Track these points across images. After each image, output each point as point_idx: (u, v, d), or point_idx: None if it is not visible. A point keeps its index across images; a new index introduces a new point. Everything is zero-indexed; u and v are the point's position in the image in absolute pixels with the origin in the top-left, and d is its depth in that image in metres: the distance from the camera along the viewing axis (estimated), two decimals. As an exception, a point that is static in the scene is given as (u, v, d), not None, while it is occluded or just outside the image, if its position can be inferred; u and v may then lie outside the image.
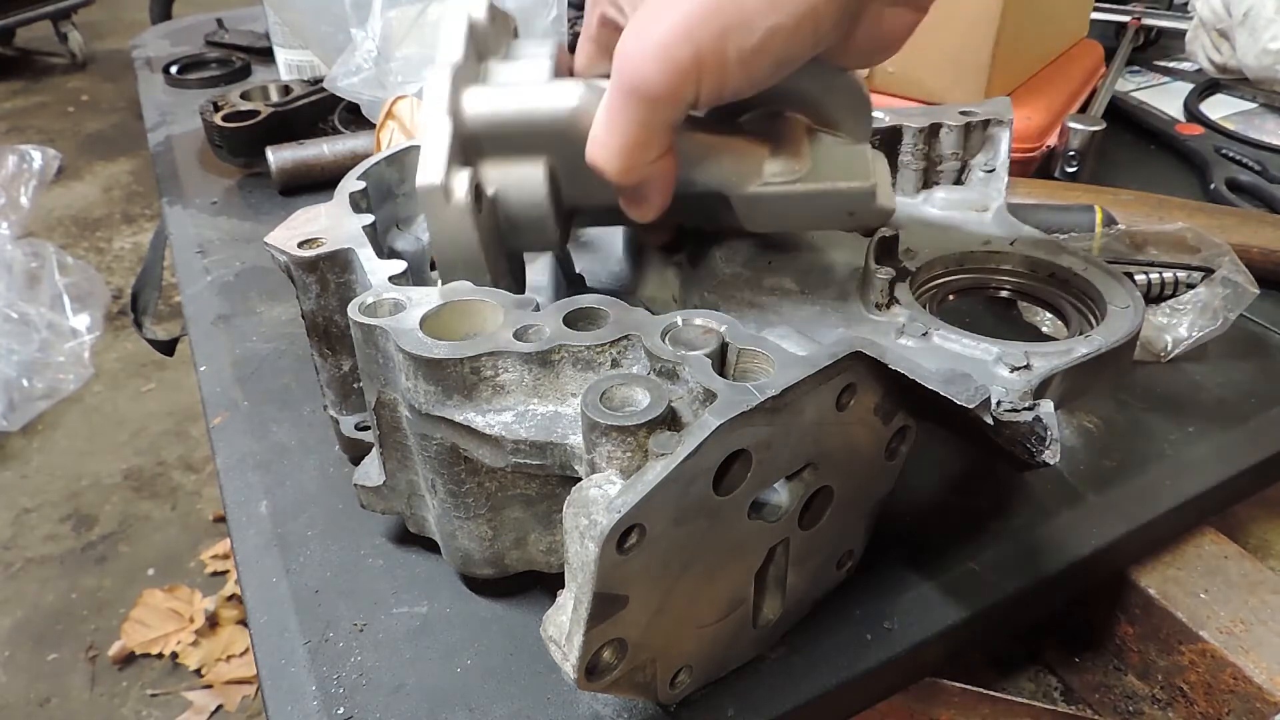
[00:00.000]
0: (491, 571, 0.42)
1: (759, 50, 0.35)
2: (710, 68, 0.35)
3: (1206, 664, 0.47)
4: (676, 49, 0.35)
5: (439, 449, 0.38)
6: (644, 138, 0.38)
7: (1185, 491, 0.50)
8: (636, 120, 0.37)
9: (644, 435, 0.31)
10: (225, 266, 0.74)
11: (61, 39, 3.97)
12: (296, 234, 0.45)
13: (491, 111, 0.42)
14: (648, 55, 0.35)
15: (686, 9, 0.35)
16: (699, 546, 0.33)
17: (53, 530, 1.87)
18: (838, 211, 0.45)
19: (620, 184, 0.40)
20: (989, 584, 0.45)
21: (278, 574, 0.46)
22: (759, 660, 0.41)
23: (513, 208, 0.44)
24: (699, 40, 0.35)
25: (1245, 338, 0.62)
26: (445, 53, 0.43)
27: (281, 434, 0.55)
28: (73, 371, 2.18)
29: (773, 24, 0.35)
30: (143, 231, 2.87)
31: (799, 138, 0.45)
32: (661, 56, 0.35)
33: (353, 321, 0.38)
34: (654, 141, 0.38)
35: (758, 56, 0.35)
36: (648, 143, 0.38)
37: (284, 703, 0.40)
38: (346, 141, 0.85)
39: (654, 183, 0.41)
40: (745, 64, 0.36)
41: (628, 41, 0.36)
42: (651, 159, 0.39)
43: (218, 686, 1.54)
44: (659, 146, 0.39)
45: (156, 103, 1.07)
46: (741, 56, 0.35)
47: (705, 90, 0.36)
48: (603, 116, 0.38)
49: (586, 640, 0.31)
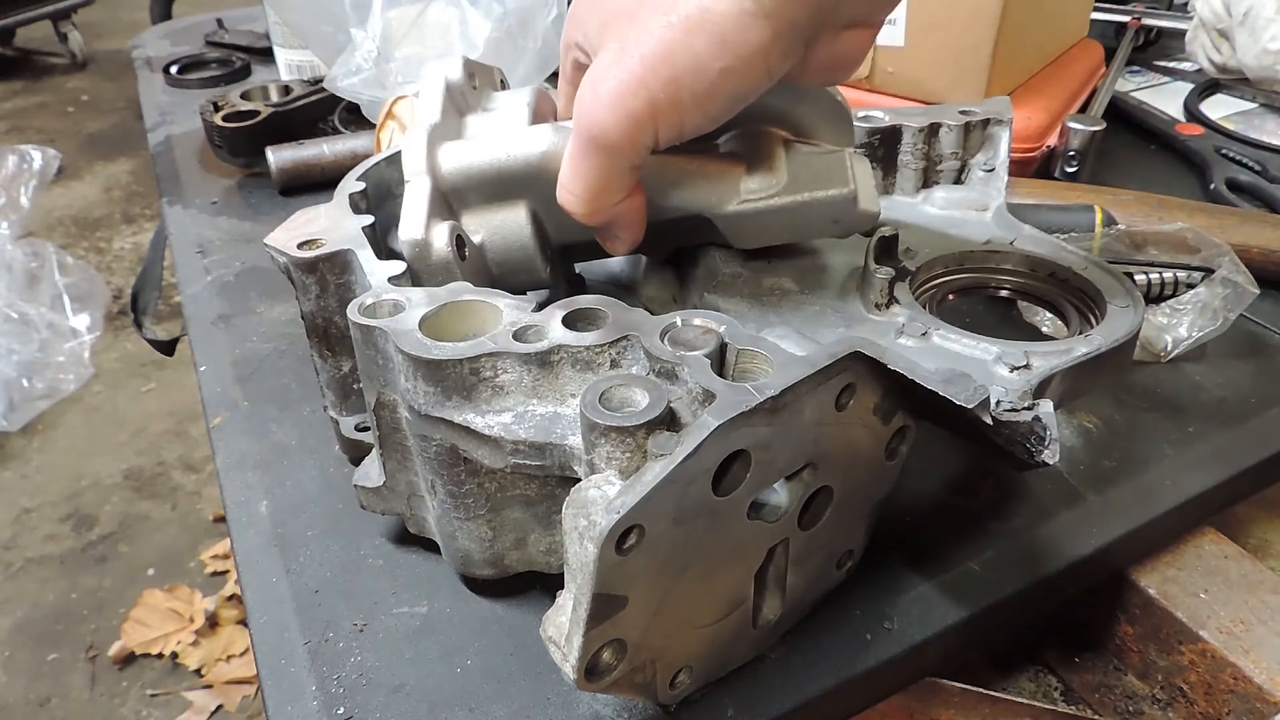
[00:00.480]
0: (491, 572, 0.42)
1: (712, 92, 0.36)
2: (666, 113, 0.36)
3: (1206, 664, 0.47)
4: (630, 99, 0.36)
5: (438, 450, 0.38)
6: (606, 182, 0.39)
7: (1185, 491, 0.50)
8: (597, 167, 0.39)
9: (643, 436, 0.31)
10: (225, 266, 0.74)
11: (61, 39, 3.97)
12: (296, 235, 0.45)
13: (466, 164, 0.45)
14: (603, 105, 0.36)
15: (638, 57, 0.35)
16: (698, 547, 0.33)
17: (53, 530, 1.87)
18: (821, 220, 0.46)
19: (590, 225, 0.42)
20: (989, 584, 0.45)
21: (278, 574, 0.46)
22: (759, 660, 0.41)
23: (500, 251, 0.47)
24: (652, 88, 0.35)
25: (1245, 338, 0.62)
26: (422, 115, 0.46)
27: (281, 434, 0.55)
28: (73, 371, 2.18)
29: (724, 66, 0.35)
30: (143, 231, 2.87)
31: (774, 151, 0.45)
32: (616, 106, 0.36)
33: (352, 323, 0.38)
34: (616, 185, 0.40)
35: (712, 98, 0.36)
36: (610, 187, 0.40)
37: (284, 703, 0.40)
38: (346, 142, 0.85)
39: (623, 220, 0.43)
40: (701, 105, 0.36)
41: (585, 92, 0.37)
42: (616, 200, 0.41)
43: (218, 686, 1.54)
44: (622, 189, 0.40)
45: (156, 103, 1.07)
46: (696, 99, 0.36)
47: (663, 133, 0.37)
48: (567, 164, 0.40)
49: (586, 641, 0.31)
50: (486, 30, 0.78)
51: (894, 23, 0.81)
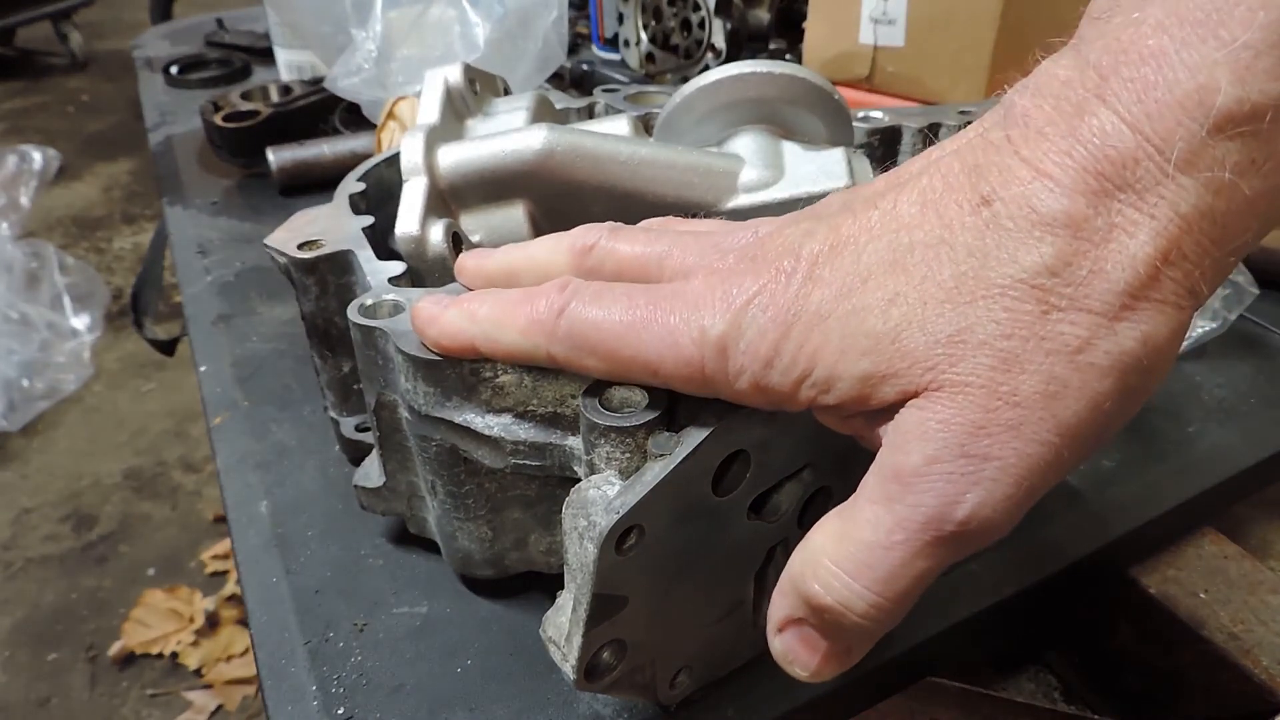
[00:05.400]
0: (492, 572, 0.42)
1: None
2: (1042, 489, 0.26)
3: (1206, 664, 0.46)
4: (1027, 501, 0.25)
5: (438, 450, 0.38)
6: (920, 587, 0.27)
7: (1185, 491, 0.50)
8: (933, 569, 0.27)
9: (643, 436, 0.31)
10: (225, 266, 0.74)
11: (61, 39, 3.97)
12: (296, 236, 0.45)
13: (463, 162, 0.44)
14: (997, 502, 0.25)
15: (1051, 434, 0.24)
16: (698, 547, 0.33)
17: (53, 530, 1.87)
18: None
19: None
20: (989, 584, 0.45)
21: (278, 574, 0.46)
22: (759, 660, 0.41)
23: None
24: (1059, 471, 0.25)
25: (1245, 338, 0.62)
26: (422, 117, 0.46)
27: (281, 434, 0.55)
28: (73, 371, 2.18)
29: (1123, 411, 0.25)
30: (143, 231, 2.87)
31: (772, 149, 0.45)
32: (1010, 508, 0.25)
33: (352, 323, 0.38)
34: (922, 589, 0.28)
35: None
36: (917, 593, 0.28)
37: (284, 703, 0.40)
38: (347, 142, 0.85)
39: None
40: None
41: (957, 467, 0.24)
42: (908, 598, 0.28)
43: (218, 686, 1.54)
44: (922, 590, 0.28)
45: (156, 103, 1.07)
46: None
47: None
48: (876, 552, 0.26)
49: (586, 641, 0.31)
50: (486, 30, 0.78)
51: (894, 23, 0.81)
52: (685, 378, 0.29)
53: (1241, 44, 0.21)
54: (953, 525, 0.25)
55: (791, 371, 0.26)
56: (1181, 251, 0.23)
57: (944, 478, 0.25)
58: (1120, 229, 0.23)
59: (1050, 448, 0.24)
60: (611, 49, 1.09)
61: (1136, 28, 0.23)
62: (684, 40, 0.97)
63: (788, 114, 0.46)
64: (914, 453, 0.25)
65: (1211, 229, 0.23)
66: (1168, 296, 0.23)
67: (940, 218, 0.25)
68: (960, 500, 0.25)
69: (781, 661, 0.30)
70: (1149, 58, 0.23)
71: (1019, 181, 0.24)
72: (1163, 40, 0.22)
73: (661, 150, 0.44)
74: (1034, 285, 0.23)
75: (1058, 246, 0.23)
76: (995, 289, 0.24)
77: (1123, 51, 0.23)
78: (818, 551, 0.27)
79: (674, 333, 0.28)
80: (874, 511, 0.26)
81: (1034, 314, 0.23)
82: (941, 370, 0.24)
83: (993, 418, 0.24)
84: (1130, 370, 0.24)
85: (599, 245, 0.33)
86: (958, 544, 0.26)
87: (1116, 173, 0.23)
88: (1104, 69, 0.23)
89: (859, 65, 0.83)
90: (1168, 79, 0.22)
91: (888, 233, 0.26)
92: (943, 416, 0.24)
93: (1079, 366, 0.23)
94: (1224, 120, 0.22)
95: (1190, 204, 0.22)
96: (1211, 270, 0.23)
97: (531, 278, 0.35)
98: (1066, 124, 0.24)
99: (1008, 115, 0.26)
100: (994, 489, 0.24)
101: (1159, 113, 0.22)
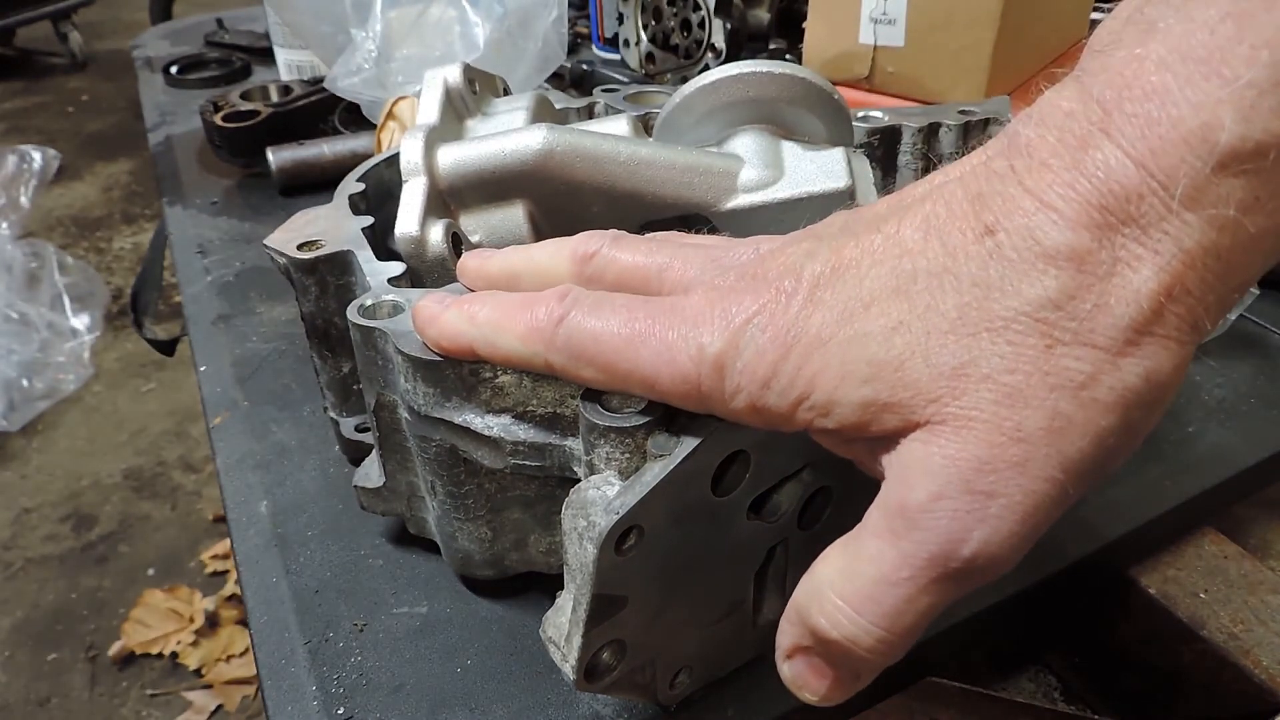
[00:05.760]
0: (492, 573, 0.42)
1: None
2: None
3: (1206, 664, 0.46)
4: (1033, 535, 0.25)
5: (438, 451, 0.38)
6: (926, 622, 0.27)
7: (1185, 491, 0.50)
8: (938, 604, 0.26)
9: (642, 436, 0.31)
10: (225, 266, 0.74)
11: (61, 39, 3.97)
12: (295, 236, 0.45)
13: (462, 162, 0.44)
14: (1004, 535, 0.25)
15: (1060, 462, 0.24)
16: (698, 547, 0.33)
17: (53, 530, 1.87)
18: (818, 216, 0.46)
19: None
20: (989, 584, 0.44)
21: (278, 574, 0.46)
22: (759, 660, 0.41)
23: None
24: (1070, 497, 0.25)
25: (1245, 338, 0.61)
26: (421, 117, 0.46)
27: (281, 434, 0.55)
28: (73, 371, 2.18)
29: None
30: (143, 231, 2.87)
31: (771, 149, 0.45)
32: (1016, 542, 0.25)
33: (352, 324, 0.38)
34: (926, 623, 0.27)
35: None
36: (922, 627, 0.27)
37: (284, 703, 0.40)
38: (347, 142, 0.85)
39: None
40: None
41: (967, 504, 0.24)
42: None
43: (218, 686, 1.54)
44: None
45: (156, 103, 1.07)
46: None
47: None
48: (882, 587, 0.26)
49: (586, 641, 0.31)
50: (486, 30, 0.78)
51: (894, 22, 0.81)
52: (681, 394, 0.28)
53: (1245, 82, 0.21)
54: (958, 563, 0.25)
55: (789, 393, 0.26)
56: (1185, 287, 0.23)
57: (950, 515, 0.24)
58: (1124, 264, 0.23)
59: (1055, 484, 0.24)
60: (611, 49, 1.09)
61: (1139, 63, 0.23)
62: (684, 40, 0.97)
63: (787, 114, 0.46)
64: (919, 488, 0.25)
65: (1215, 265, 0.23)
66: (1171, 332, 0.23)
67: (944, 245, 0.25)
68: (966, 538, 0.25)
69: (791, 686, 0.30)
70: (1152, 94, 0.22)
71: (1023, 213, 0.24)
72: (1165, 77, 0.22)
73: (661, 150, 0.44)
74: (1038, 319, 0.23)
75: (1061, 280, 0.23)
76: (999, 321, 0.24)
77: (1126, 86, 0.23)
78: (823, 584, 0.27)
79: (671, 349, 0.28)
80: (879, 546, 0.26)
81: (1038, 348, 0.23)
82: (945, 403, 0.24)
83: (998, 454, 0.24)
84: (1134, 405, 0.24)
85: (600, 253, 0.33)
86: (963, 580, 0.26)
87: (1120, 207, 0.23)
88: (1107, 103, 0.23)
89: (859, 65, 0.83)
90: (1171, 115, 0.22)
91: (890, 258, 0.26)
92: (948, 452, 0.24)
93: (1083, 402, 0.23)
94: (1228, 158, 0.22)
95: (1194, 240, 0.22)
96: (1215, 306, 0.23)
97: (532, 282, 0.35)
98: (1070, 156, 0.23)
99: (1011, 144, 0.25)
100: (1000, 526, 0.24)
101: (1163, 149, 0.22)
